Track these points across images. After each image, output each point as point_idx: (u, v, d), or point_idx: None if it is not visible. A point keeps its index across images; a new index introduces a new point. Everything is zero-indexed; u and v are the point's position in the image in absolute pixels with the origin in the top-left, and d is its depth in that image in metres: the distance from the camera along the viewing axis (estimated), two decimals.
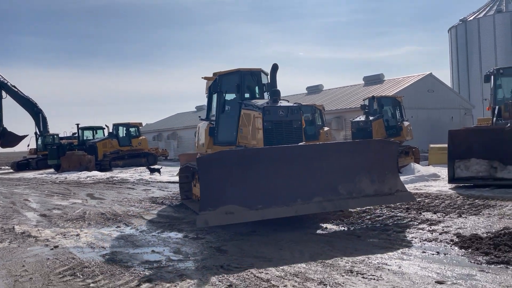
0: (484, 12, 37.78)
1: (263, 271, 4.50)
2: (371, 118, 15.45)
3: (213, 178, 5.89)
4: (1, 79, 29.19)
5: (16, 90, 34.61)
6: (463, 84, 37.44)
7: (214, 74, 9.21)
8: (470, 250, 4.96)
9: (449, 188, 10.13)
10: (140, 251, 5.64)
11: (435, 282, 3.99)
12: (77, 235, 6.87)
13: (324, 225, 6.64)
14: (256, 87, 8.93)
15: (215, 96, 9.08)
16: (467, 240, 5.29)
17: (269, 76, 8.38)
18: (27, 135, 30.75)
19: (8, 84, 30.08)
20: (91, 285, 4.36)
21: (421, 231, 6.04)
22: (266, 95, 8.96)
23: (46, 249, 5.97)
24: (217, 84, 8.97)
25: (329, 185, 6.22)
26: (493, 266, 4.38)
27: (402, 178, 12.12)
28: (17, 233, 7.25)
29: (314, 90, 33.72)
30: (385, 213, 7.41)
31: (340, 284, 4.05)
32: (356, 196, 6.27)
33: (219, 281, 4.24)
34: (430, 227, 6.19)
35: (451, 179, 10.47)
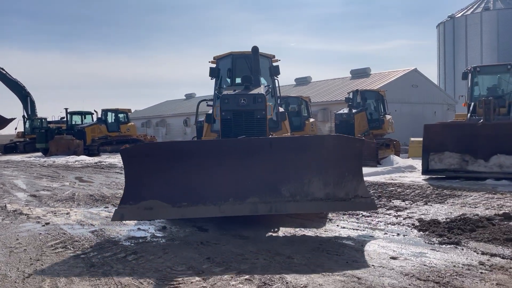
0: (472, 9, 38.49)
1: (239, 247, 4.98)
2: (354, 111, 15.97)
3: (137, 170, 5.48)
4: None
5: (4, 72, 34.46)
6: (449, 79, 38.25)
7: (214, 58, 9.12)
8: (427, 232, 5.49)
9: (422, 179, 10.70)
10: (127, 229, 6.07)
11: (390, 257, 4.50)
12: (67, 213, 7.27)
13: None
14: (250, 70, 8.20)
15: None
16: (426, 224, 5.82)
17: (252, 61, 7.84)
18: (14, 118, 30.59)
19: None
20: (81, 256, 4.79)
21: (387, 216, 6.56)
22: (268, 79, 8.86)
23: (38, 226, 6.36)
24: (216, 68, 8.87)
25: (269, 185, 5.39)
26: (444, 246, 4.91)
27: (379, 169, 12.80)
28: (9, 211, 7.62)
29: (302, 81, 34.18)
30: None
31: (306, 258, 4.54)
32: (300, 199, 5.35)
33: (199, 254, 4.71)
34: (397, 213, 6.72)
35: (425, 171, 11.04)
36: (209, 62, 9.38)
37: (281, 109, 9.33)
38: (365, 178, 10.91)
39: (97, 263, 4.51)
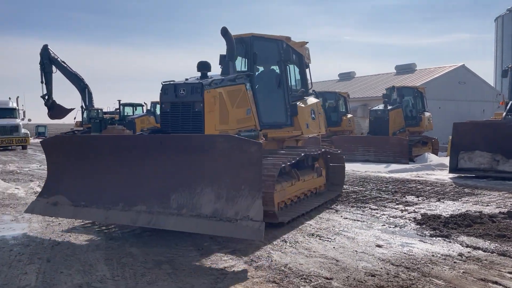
0: None
1: None
2: (389, 107, 15.91)
3: (54, 163, 5.54)
4: (52, 55, 31.34)
5: (65, 65, 36.93)
6: None
7: None
8: (423, 226, 5.72)
9: (449, 178, 10.65)
10: None
11: (375, 245, 4.84)
12: None
13: None
14: (245, 57, 7.20)
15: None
16: (426, 219, 6.04)
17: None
18: (74, 109, 33.02)
19: (58, 59, 32.21)
20: (105, 230, 5.53)
21: (394, 210, 6.81)
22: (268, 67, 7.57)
23: None
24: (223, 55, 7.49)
25: (160, 192, 4.75)
26: (433, 238, 5.16)
27: (408, 166, 12.79)
28: None
29: (346, 76, 33.94)
30: (372, 194, 8.21)
31: (298, 242, 4.98)
32: (185, 213, 4.53)
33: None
34: (404, 208, 6.94)
35: (454, 169, 10.97)
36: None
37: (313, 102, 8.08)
38: (390, 175, 11.26)
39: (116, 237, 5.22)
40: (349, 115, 20.12)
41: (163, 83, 6.19)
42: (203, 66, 6.31)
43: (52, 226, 5.75)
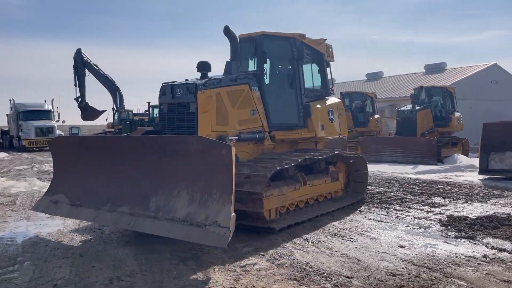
0: None
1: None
2: (417, 107, 15.66)
3: (59, 162, 5.75)
4: (85, 58, 32.38)
5: (98, 69, 38.06)
6: None
7: None
8: (449, 227, 5.67)
9: (479, 179, 10.43)
10: None
11: (398, 246, 4.85)
12: None
13: None
14: (255, 57, 6.89)
15: None
16: (452, 220, 5.98)
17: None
18: (105, 110, 34.05)
19: (91, 63, 33.24)
20: None
21: (419, 211, 6.76)
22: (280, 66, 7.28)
23: None
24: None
25: (142, 194, 4.69)
26: (458, 239, 5.12)
27: (437, 167, 12.57)
28: None
29: (374, 77, 33.51)
30: (398, 195, 8.15)
31: (320, 241, 5.05)
32: (161, 217, 4.41)
33: None
34: (430, 209, 6.88)
35: (484, 171, 10.73)
36: None
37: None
38: (417, 176, 11.12)
39: None
40: (376, 116, 19.91)
41: (163, 84, 6.19)
42: (203, 67, 6.18)
43: (85, 223, 6.02)
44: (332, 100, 7.90)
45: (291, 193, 6.05)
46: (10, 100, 27.68)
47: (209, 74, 6.25)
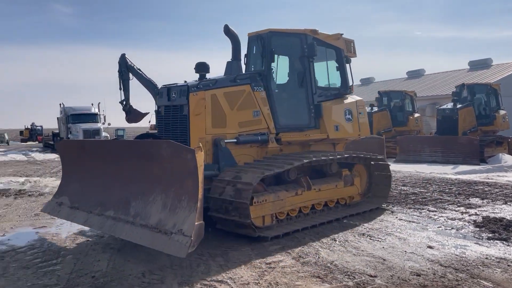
0: None
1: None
2: (458, 106, 15.16)
3: (66, 165, 5.88)
4: (129, 63, 33.64)
5: (141, 73, 39.39)
6: None
7: None
8: (483, 228, 5.55)
9: None
10: None
11: (427, 246, 4.82)
12: None
13: None
14: (262, 55, 6.63)
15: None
16: (487, 222, 5.84)
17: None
18: (148, 113, 35.28)
19: (135, 67, 34.59)
20: None
21: (454, 212, 6.62)
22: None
23: None
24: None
25: (124, 199, 4.68)
26: (490, 241, 5.01)
27: (479, 167, 12.15)
28: None
29: (415, 74, 32.59)
30: (433, 196, 8.00)
31: (348, 241, 5.10)
32: (136, 222, 4.36)
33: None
34: (466, 210, 6.72)
35: None
36: None
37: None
38: (457, 176, 10.82)
39: None
40: (416, 115, 19.44)
41: (161, 87, 6.22)
42: (201, 68, 6.04)
43: None
44: (352, 98, 7.41)
45: (291, 198, 5.71)
46: (60, 104, 29.18)
47: (211, 75, 6.12)
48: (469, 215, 6.36)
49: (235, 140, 5.91)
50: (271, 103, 6.33)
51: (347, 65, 7.32)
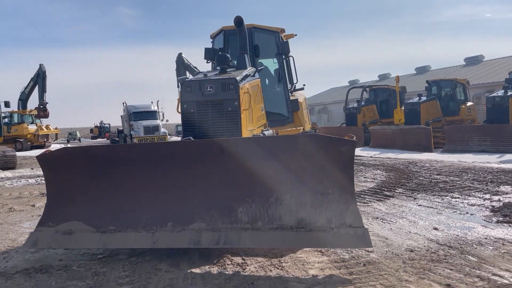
0: None
1: None
2: (510, 93, 14.63)
3: (58, 182, 4.30)
4: (186, 61, 35.08)
5: (198, 71, 40.84)
6: None
7: (211, 36, 7.61)
8: (497, 213, 5.73)
9: None
10: None
11: (433, 228, 5.15)
12: None
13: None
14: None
15: None
16: (504, 207, 5.99)
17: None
18: None
19: (191, 66, 36.00)
20: None
21: (477, 199, 6.77)
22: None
23: None
24: (211, 49, 7.16)
25: (223, 205, 4.07)
26: (498, 224, 5.23)
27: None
28: None
29: (473, 61, 31.15)
30: (464, 184, 8.11)
31: None
32: (261, 227, 3.93)
33: None
34: (491, 197, 6.84)
35: None
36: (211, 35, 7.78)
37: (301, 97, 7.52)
38: (500, 165, 10.77)
39: None
40: (469, 103, 18.90)
41: (186, 81, 5.54)
42: (223, 60, 5.72)
43: None
44: (301, 93, 7.81)
45: None
46: (123, 103, 31.36)
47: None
48: (491, 201, 6.50)
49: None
50: (264, 99, 6.42)
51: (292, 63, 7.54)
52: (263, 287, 3.53)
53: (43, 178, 13.10)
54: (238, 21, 5.89)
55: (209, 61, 7.07)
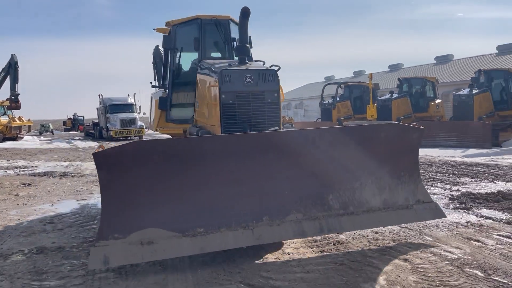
0: None
1: None
2: (474, 91, 15.50)
3: (122, 184, 3.67)
4: (162, 54, 35.04)
5: None
6: None
7: (167, 24, 7.08)
8: (454, 201, 6.32)
9: None
10: None
11: None
12: None
13: None
14: (225, 43, 6.62)
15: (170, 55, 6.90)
16: (461, 196, 6.61)
17: (238, 27, 5.87)
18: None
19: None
20: None
21: (438, 189, 7.38)
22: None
23: None
24: (171, 38, 6.82)
25: (314, 193, 4.13)
26: (455, 210, 5.80)
27: (485, 150, 12.64)
28: None
29: (443, 60, 32.36)
30: (428, 176, 8.74)
31: None
32: (354, 211, 4.21)
33: None
34: (451, 187, 7.46)
35: None
36: (154, 29, 7.62)
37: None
38: (463, 159, 11.48)
39: None
40: (438, 101, 19.79)
41: (223, 69, 5.30)
42: (243, 51, 5.59)
43: None
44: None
45: None
46: (99, 96, 31.12)
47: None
48: (451, 191, 7.11)
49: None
50: None
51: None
52: (239, 261, 3.94)
53: (23, 170, 12.83)
54: (246, 12, 5.62)
55: (169, 48, 6.83)
